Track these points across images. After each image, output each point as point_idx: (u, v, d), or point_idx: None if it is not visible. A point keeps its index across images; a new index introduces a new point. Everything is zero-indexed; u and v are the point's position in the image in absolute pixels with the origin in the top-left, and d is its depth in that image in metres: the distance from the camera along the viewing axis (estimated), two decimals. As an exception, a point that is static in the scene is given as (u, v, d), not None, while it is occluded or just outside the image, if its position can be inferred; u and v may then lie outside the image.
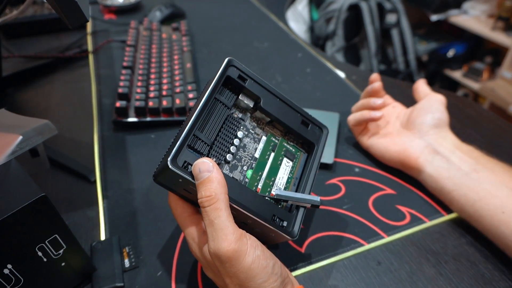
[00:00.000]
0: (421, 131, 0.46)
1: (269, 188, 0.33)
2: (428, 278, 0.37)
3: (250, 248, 0.26)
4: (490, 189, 0.38)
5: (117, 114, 0.54)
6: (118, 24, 0.88)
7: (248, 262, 0.26)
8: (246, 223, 0.31)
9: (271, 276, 0.27)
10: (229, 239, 0.26)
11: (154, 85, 0.60)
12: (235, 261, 0.26)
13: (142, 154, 0.51)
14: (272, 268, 0.27)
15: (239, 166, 0.32)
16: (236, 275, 0.26)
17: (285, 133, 0.37)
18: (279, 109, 0.35)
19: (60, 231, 0.31)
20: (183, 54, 0.70)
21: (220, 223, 0.26)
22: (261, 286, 0.26)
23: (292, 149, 0.37)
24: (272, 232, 0.31)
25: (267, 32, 0.88)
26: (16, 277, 0.30)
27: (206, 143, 0.30)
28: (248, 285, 0.26)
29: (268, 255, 0.27)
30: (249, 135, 0.34)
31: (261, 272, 0.26)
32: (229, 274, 0.26)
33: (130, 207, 0.44)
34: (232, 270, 0.26)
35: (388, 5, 1.63)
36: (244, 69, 0.34)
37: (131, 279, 0.37)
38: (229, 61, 0.33)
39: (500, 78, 1.82)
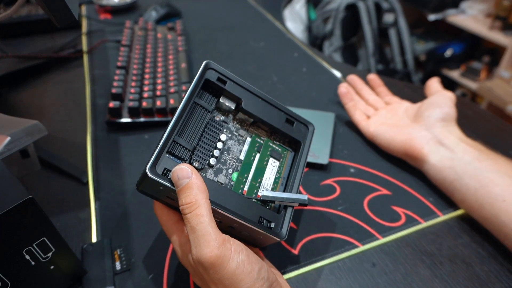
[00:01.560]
0: (428, 124, 0.47)
1: (256, 190, 0.33)
2: (423, 280, 0.37)
3: (234, 253, 0.26)
4: (492, 177, 0.39)
5: (111, 114, 0.54)
6: (114, 24, 0.87)
7: (232, 268, 0.25)
8: (233, 226, 0.31)
9: (257, 281, 0.26)
10: (211, 245, 0.25)
11: (148, 85, 0.59)
12: (218, 267, 0.25)
13: (135, 155, 0.51)
14: (258, 272, 0.26)
15: (223, 170, 0.32)
16: (221, 281, 0.25)
17: (270, 133, 0.37)
18: (262, 109, 0.35)
19: (48, 234, 0.31)
20: (178, 54, 0.69)
21: (202, 229, 0.26)
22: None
23: (278, 149, 0.36)
24: (260, 234, 0.30)
25: (263, 31, 0.88)
26: (2, 281, 0.29)
27: (187, 148, 0.30)
28: (229, 283, 0.26)
29: (253, 260, 0.27)
30: (232, 137, 0.34)
31: (246, 277, 0.26)
32: (213, 280, 0.26)
33: (122, 208, 0.43)
34: (216, 276, 0.25)
35: (386, 4, 1.62)
36: (223, 71, 0.33)
37: (122, 282, 0.36)
38: (206, 64, 0.33)
39: (497, 77, 1.82)
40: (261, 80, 0.68)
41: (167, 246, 0.39)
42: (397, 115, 0.52)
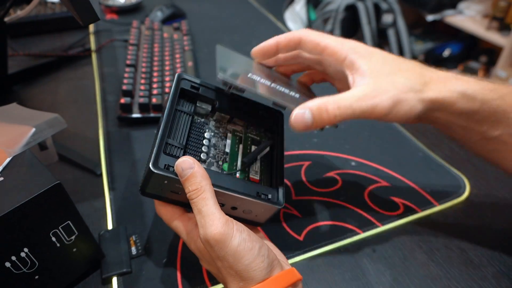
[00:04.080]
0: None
1: (246, 174, 0.36)
2: (420, 264, 0.39)
3: (236, 232, 0.28)
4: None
5: (122, 110, 0.56)
6: (120, 24, 0.89)
7: (234, 245, 0.28)
8: (235, 206, 0.33)
9: (258, 258, 0.29)
10: (216, 223, 0.28)
11: (157, 82, 0.61)
12: (222, 244, 0.28)
13: (146, 149, 0.53)
14: (259, 250, 0.29)
15: (214, 162, 0.35)
16: (225, 258, 0.28)
17: (247, 126, 0.40)
18: (235, 106, 0.38)
19: (73, 218, 0.33)
20: (185, 53, 0.72)
21: (207, 210, 0.28)
22: (249, 267, 0.28)
23: (257, 138, 0.40)
24: (260, 207, 0.33)
25: (266, 32, 0.90)
26: (31, 261, 0.31)
27: (179, 147, 0.33)
28: (236, 266, 0.28)
29: (254, 238, 0.29)
30: (215, 135, 0.37)
31: (247, 253, 0.28)
32: (219, 257, 0.28)
33: (135, 198, 0.46)
34: (221, 253, 0.28)
35: (385, 5, 1.65)
36: (194, 80, 0.37)
37: (138, 265, 0.38)
38: (179, 75, 0.37)
39: (494, 77, 1.85)
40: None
41: (180, 232, 0.42)
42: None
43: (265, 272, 0.29)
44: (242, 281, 0.28)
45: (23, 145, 0.34)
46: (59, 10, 0.87)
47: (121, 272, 0.37)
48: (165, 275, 0.38)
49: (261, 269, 0.29)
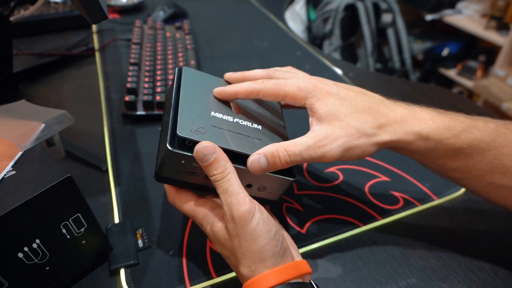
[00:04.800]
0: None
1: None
2: (420, 256, 0.40)
3: (257, 212, 0.30)
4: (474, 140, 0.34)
5: (126, 107, 0.57)
6: (122, 23, 0.90)
7: (253, 223, 0.29)
8: (251, 184, 0.35)
9: (272, 241, 0.30)
10: (241, 202, 0.29)
11: (160, 80, 0.62)
12: (244, 221, 0.29)
13: (150, 146, 0.54)
14: (274, 234, 0.30)
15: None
16: (244, 236, 0.29)
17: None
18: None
19: (83, 211, 0.34)
20: (187, 52, 0.73)
21: (233, 190, 0.30)
22: (263, 248, 0.29)
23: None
24: (275, 181, 0.34)
25: (267, 31, 0.91)
26: (43, 252, 0.32)
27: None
28: (252, 246, 0.29)
29: (272, 222, 0.31)
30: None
31: (263, 234, 0.29)
32: (238, 235, 0.29)
33: (141, 193, 0.47)
34: (241, 230, 0.29)
35: (384, 5, 1.66)
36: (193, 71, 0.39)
37: (145, 257, 0.39)
38: (179, 69, 0.39)
39: (493, 76, 1.86)
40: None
41: (185, 225, 0.43)
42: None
43: (276, 258, 0.30)
44: (254, 264, 0.29)
45: (34, 140, 0.35)
46: (62, 10, 0.88)
47: (128, 264, 0.38)
48: (172, 267, 0.39)
49: (273, 253, 0.30)
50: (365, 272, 0.39)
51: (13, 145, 0.33)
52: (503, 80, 1.80)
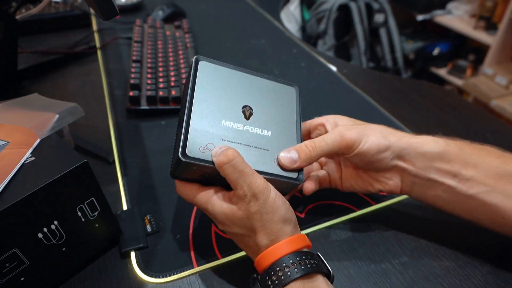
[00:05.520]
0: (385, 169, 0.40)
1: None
2: (411, 237, 0.43)
3: (271, 187, 0.33)
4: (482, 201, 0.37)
5: (130, 102, 0.59)
6: (122, 22, 0.92)
7: (273, 196, 0.32)
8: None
9: (288, 212, 0.33)
10: (258, 179, 0.32)
11: (162, 76, 0.65)
12: (266, 195, 0.32)
13: (154, 139, 0.57)
14: (288, 205, 0.34)
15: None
16: (266, 209, 0.32)
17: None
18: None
19: (97, 195, 0.36)
20: (187, 50, 0.75)
21: (249, 170, 0.32)
22: (283, 217, 0.33)
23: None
24: (283, 184, 0.36)
25: (264, 30, 0.94)
26: (60, 233, 0.35)
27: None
28: (273, 217, 0.32)
29: (283, 198, 0.34)
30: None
31: (282, 205, 0.33)
32: (260, 209, 0.32)
33: (148, 182, 0.49)
34: (263, 204, 0.32)
35: (376, 5, 1.70)
36: (211, 61, 0.40)
37: (154, 241, 0.42)
38: (196, 60, 0.39)
39: (482, 74, 1.91)
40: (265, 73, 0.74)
41: (191, 211, 0.45)
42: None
43: (293, 227, 0.33)
44: (274, 234, 0.32)
45: (49, 130, 0.37)
46: (63, 9, 0.90)
47: (138, 247, 0.41)
48: (179, 249, 0.41)
49: (290, 221, 0.33)
50: (361, 252, 0.41)
51: (31, 133, 0.35)
52: (491, 78, 1.85)
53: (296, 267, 0.31)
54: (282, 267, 0.31)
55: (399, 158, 0.38)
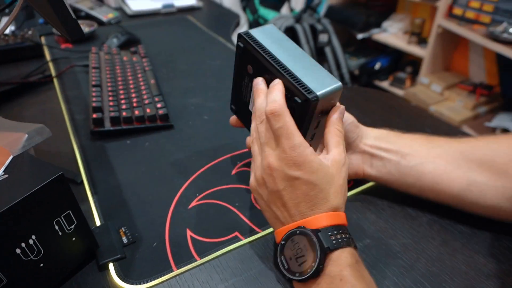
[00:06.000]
0: (350, 147, 0.49)
1: None
2: (371, 221, 0.47)
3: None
4: (421, 171, 0.45)
5: (94, 124, 0.60)
6: (76, 51, 0.93)
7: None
8: None
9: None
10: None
11: (124, 98, 0.66)
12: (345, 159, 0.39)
13: (121, 157, 0.58)
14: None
15: None
16: (346, 175, 0.39)
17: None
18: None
19: (73, 208, 0.37)
20: (146, 73, 0.77)
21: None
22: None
23: None
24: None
25: (218, 52, 0.99)
26: (38, 248, 0.35)
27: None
28: (346, 186, 0.38)
29: None
30: None
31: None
32: (346, 170, 0.38)
33: (118, 198, 0.50)
34: (348, 169, 0.39)
35: (319, 26, 1.83)
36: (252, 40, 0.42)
37: (131, 251, 0.43)
38: (247, 34, 0.42)
39: (419, 84, 2.09)
40: (222, 90, 0.78)
41: (165, 219, 0.47)
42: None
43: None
44: (342, 202, 0.38)
45: (20, 148, 0.37)
46: (13, 41, 0.89)
47: (116, 258, 0.41)
48: (157, 256, 0.42)
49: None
50: (328, 239, 0.45)
51: (3, 151, 0.36)
52: (428, 87, 2.04)
53: (352, 238, 0.36)
54: (347, 231, 0.36)
55: (360, 140, 0.48)
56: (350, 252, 0.35)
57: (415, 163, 0.45)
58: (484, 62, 2.01)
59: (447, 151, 0.45)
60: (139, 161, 0.57)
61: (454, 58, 2.13)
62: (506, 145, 0.43)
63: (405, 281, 0.40)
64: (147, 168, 0.55)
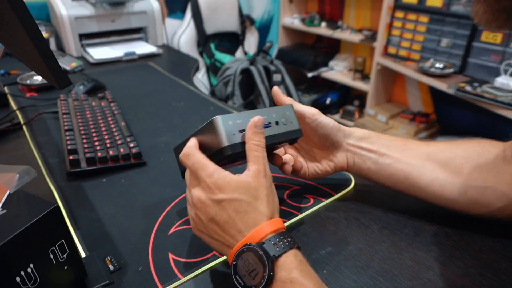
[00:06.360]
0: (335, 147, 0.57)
1: None
2: (331, 232, 0.54)
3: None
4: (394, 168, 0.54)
5: (71, 165, 0.64)
6: (42, 99, 0.96)
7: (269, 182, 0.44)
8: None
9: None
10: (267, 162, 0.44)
11: (97, 140, 0.71)
12: (270, 177, 0.44)
13: (99, 194, 0.61)
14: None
15: None
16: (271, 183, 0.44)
17: None
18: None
19: (66, 237, 0.41)
20: (115, 116, 0.82)
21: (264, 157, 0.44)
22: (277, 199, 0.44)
23: None
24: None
25: (181, 94, 1.06)
26: (35, 277, 0.38)
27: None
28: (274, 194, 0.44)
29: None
30: None
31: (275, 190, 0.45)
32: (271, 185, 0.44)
33: (101, 230, 0.53)
34: (271, 178, 0.44)
35: (272, 67, 1.98)
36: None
37: (119, 277, 0.46)
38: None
39: (367, 115, 2.28)
40: (189, 128, 0.85)
41: (147, 245, 0.51)
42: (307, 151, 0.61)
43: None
44: (273, 209, 0.42)
45: (14, 187, 0.41)
46: (-23, 92, 0.91)
47: (105, 284, 0.45)
48: (144, 279, 0.46)
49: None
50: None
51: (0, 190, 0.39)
52: (374, 117, 2.23)
53: (293, 240, 0.40)
54: (287, 235, 0.40)
55: (345, 138, 0.56)
56: (294, 254, 0.39)
57: (390, 162, 0.54)
58: (419, 93, 2.25)
59: (416, 153, 0.55)
60: (117, 196, 0.61)
61: (394, 91, 2.36)
62: (461, 149, 0.54)
63: (363, 278, 0.47)
64: (125, 202, 0.60)
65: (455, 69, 1.75)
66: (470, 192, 0.51)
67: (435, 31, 1.82)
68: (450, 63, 1.77)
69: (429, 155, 0.54)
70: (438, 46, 1.83)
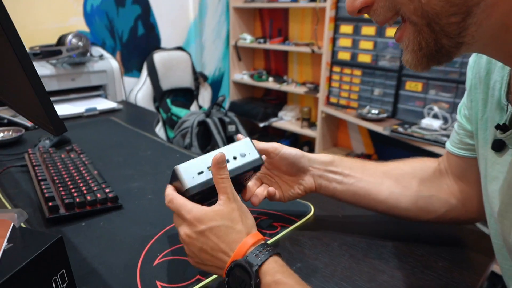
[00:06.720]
0: (302, 172, 0.64)
1: None
2: (297, 251, 0.62)
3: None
4: (357, 186, 0.63)
5: (50, 211, 0.66)
6: (6, 155, 0.97)
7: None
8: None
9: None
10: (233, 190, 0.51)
11: (73, 187, 0.74)
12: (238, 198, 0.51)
13: (80, 237, 0.64)
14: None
15: None
16: (242, 206, 0.51)
17: None
18: None
19: (66, 267, 0.45)
20: (87, 166, 0.86)
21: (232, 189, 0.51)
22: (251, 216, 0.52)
23: None
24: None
25: (147, 144, 1.12)
26: (39, 305, 0.41)
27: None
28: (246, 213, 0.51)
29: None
30: None
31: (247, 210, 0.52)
32: (247, 212, 0.51)
33: (87, 269, 0.56)
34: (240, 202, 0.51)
35: (227, 119, 2.10)
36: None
37: (110, 306, 0.49)
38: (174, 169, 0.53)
39: (317, 159, 2.45)
40: (158, 174, 0.90)
41: (135, 277, 0.55)
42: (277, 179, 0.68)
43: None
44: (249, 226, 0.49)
45: (17, 223, 0.45)
46: None
47: (99, 313, 0.48)
48: (135, 305, 0.50)
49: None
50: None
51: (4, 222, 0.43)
52: (324, 161, 2.40)
53: (272, 248, 0.46)
54: (266, 245, 0.46)
55: (310, 164, 0.64)
56: (275, 260, 0.45)
57: (353, 181, 0.63)
58: (360, 136, 2.48)
59: (375, 171, 0.65)
60: (99, 237, 0.64)
61: (339, 136, 2.59)
62: (409, 166, 0.66)
63: (330, 285, 0.55)
64: (107, 242, 0.63)
65: (388, 113, 2.00)
66: (419, 201, 0.63)
67: (368, 82, 2.09)
68: (383, 109, 2.01)
69: (384, 173, 0.65)
70: (372, 95, 2.09)
